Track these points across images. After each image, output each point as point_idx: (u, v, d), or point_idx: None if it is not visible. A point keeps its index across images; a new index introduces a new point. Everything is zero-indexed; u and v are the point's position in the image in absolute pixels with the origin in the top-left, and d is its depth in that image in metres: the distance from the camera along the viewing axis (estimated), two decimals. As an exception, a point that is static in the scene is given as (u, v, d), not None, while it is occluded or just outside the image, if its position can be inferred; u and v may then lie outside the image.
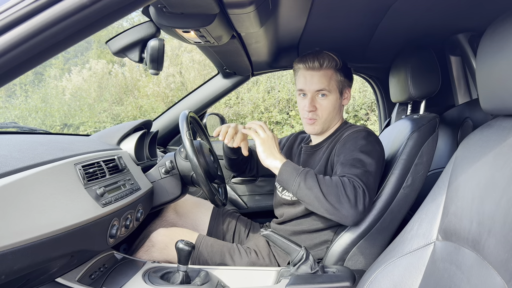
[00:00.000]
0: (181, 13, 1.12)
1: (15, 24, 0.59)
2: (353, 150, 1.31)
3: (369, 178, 1.23)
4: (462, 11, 1.41)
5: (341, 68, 1.46)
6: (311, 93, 1.44)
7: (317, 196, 1.17)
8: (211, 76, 2.31)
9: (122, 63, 10.68)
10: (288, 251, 1.21)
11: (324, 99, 1.44)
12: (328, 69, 1.43)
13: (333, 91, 1.44)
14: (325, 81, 1.42)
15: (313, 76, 1.43)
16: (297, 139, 1.70)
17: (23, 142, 1.11)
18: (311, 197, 1.18)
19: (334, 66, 1.44)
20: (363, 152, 1.29)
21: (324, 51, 1.45)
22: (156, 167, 1.55)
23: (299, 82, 1.47)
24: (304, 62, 1.44)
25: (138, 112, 9.34)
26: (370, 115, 8.54)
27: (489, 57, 0.84)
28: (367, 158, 1.27)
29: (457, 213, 0.84)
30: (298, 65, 1.47)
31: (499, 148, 0.80)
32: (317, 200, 1.17)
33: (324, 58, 1.42)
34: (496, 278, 0.66)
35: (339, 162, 1.31)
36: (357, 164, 1.26)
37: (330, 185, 1.18)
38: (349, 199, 1.15)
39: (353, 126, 1.47)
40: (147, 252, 1.41)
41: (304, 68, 1.44)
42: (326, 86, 1.42)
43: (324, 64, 1.42)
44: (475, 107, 1.72)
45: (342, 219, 1.17)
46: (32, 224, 0.84)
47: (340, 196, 1.16)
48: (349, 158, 1.29)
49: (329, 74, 1.43)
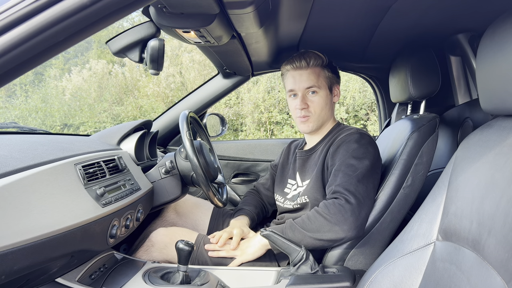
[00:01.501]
0: (181, 13, 1.12)
1: (15, 24, 0.59)
2: (345, 155, 1.34)
3: (358, 185, 1.26)
4: (462, 11, 1.41)
5: (328, 65, 1.49)
6: (301, 91, 1.46)
7: (312, 237, 1.23)
8: (211, 76, 2.31)
9: (122, 63, 10.69)
10: (288, 251, 1.21)
11: (314, 96, 1.46)
12: (315, 66, 1.46)
13: (322, 87, 1.47)
14: (313, 78, 1.45)
15: (302, 74, 1.46)
16: (291, 148, 1.72)
17: (23, 142, 1.11)
18: (308, 244, 1.24)
19: (321, 63, 1.47)
20: (355, 157, 1.31)
21: (310, 51, 1.49)
22: (156, 167, 1.55)
23: (288, 83, 1.50)
24: (291, 63, 1.47)
25: (138, 112, 9.35)
26: (370, 115, 8.54)
27: (489, 57, 0.84)
28: (359, 162, 1.30)
29: (457, 213, 0.84)
30: (285, 67, 1.50)
31: (499, 148, 0.80)
32: (314, 241, 1.24)
33: (310, 57, 1.45)
34: (496, 278, 0.66)
35: (333, 170, 1.34)
36: (348, 171, 1.29)
37: (315, 221, 1.23)
38: (336, 221, 1.20)
39: (346, 128, 1.49)
40: (147, 252, 1.41)
41: (292, 68, 1.47)
42: (315, 82, 1.45)
43: (311, 62, 1.45)
44: (475, 107, 1.72)
45: (344, 239, 1.23)
46: (32, 224, 0.84)
47: (330, 225, 1.21)
48: (342, 164, 1.32)
49: (316, 71, 1.46)
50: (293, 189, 1.53)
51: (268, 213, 1.76)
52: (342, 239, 1.23)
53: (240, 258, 1.33)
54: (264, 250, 1.33)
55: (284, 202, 1.54)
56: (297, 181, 1.53)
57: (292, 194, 1.52)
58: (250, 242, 1.35)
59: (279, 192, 1.62)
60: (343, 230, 1.20)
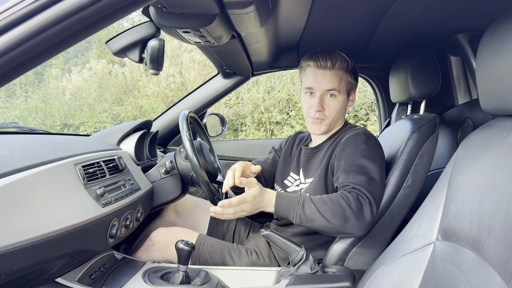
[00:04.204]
0: (181, 13, 1.12)
1: (15, 24, 0.59)
2: (355, 155, 1.30)
3: (375, 186, 1.23)
4: (462, 11, 1.41)
5: (351, 70, 1.44)
6: (320, 92, 1.40)
7: (323, 224, 1.17)
8: (211, 76, 2.31)
9: (122, 63, 10.68)
10: (288, 251, 1.21)
11: (332, 100, 1.41)
12: (339, 69, 1.40)
13: (342, 92, 1.42)
14: (336, 81, 1.39)
15: (324, 75, 1.39)
16: (296, 140, 1.68)
17: (23, 142, 1.11)
18: (316, 226, 1.18)
19: (345, 67, 1.41)
20: (366, 158, 1.28)
21: (336, 51, 1.42)
22: (156, 167, 1.55)
23: (307, 80, 1.43)
24: (315, 60, 1.39)
25: (138, 112, 9.34)
26: (370, 115, 8.54)
27: (489, 57, 0.84)
28: (370, 163, 1.27)
29: (457, 213, 0.84)
30: (307, 62, 1.42)
31: (499, 148, 0.80)
32: (324, 227, 1.17)
33: (337, 58, 1.39)
34: (496, 278, 0.66)
35: (342, 168, 1.30)
36: (361, 171, 1.25)
37: (333, 207, 1.17)
38: (355, 215, 1.15)
39: (352, 128, 1.46)
40: (147, 252, 1.41)
41: (315, 66, 1.40)
42: (337, 86, 1.40)
43: (337, 64, 1.39)
44: (475, 107, 1.72)
45: (352, 234, 1.18)
46: (32, 224, 0.84)
47: (346, 214, 1.15)
48: (352, 164, 1.28)
49: (339, 75, 1.40)
50: (295, 184, 1.52)
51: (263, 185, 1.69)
52: (350, 234, 1.18)
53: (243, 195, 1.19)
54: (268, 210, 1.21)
55: None
56: (300, 177, 1.51)
57: (293, 189, 1.51)
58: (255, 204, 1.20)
59: (279, 182, 1.58)
60: (356, 227, 1.15)
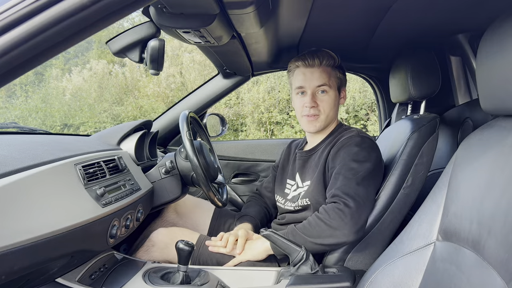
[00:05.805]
0: (181, 13, 1.12)
1: (15, 24, 0.59)
2: (345, 159, 1.33)
3: (359, 188, 1.25)
4: (462, 11, 1.41)
5: (339, 66, 1.48)
6: (311, 89, 1.43)
7: (315, 245, 1.24)
8: (211, 76, 2.31)
9: (122, 63, 10.68)
10: (288, 251, 1.21)
11: (324, 95, 1.44)
12: (327, 66, 1.44)
13: (332, 88, 1.45)
14: (325, 76, 1.43)
15: (313, 72, 1.43)
16: (291, 148, 1.70)
17: (23, 142, 1.11)
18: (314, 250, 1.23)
19: (333, 63, 1.45)
20: (355, 161, 1.31)
21: (322, 49, 1.46)
22: (156, 167, 1.55)
23: (297, 80, 1.47)
24: (303, 59, 1.44)
25: (138, 112, 9.34)
26: (370, 115, 8.53)
27: (489, 57, 0.84)
28: (359, 165, 1.29)
29: (457, 213, 0.84)
30: (296, 63, 1.47)
31: (499, 148, 0.80)
32: (317, 246, 1.24)
33: (324, 56, 1.43)
34: (496, 278, 0.66)
35: (333, 172, 1.33)
36: (349, 174, 1.28)
37: (316, 227, 1.24)
38: (337, 225, 1.20)
39: (348, 130, 1.47)
40: (147, 252, 1.41)
41: (304, 65, 1.44)
42: (327, 81, 1.43)
43: (324, 61, 1.43)
44: (475, 107, 1.72)
45: (346, 242, 1.24)
46: (32, 224, 0.84)
47: (329, 227, 1.21)
48: (342, 167, 1.31)
49: (328, 71, 1.44)
50: (293, 190, 1.53)
51: (273, 216, 1.74)
52: (343, 243, 1.24)
53: (240, 257, 1.33)
54: (265, 254, 1.32)
55: (285, 204, 1.53)
56: (296, 182, 1.53)
57: (293, 195, 1.51)
58: (252, 244, 1.35)
59: (279, 193, 1.61)
60: (343, 235, 1.20)
